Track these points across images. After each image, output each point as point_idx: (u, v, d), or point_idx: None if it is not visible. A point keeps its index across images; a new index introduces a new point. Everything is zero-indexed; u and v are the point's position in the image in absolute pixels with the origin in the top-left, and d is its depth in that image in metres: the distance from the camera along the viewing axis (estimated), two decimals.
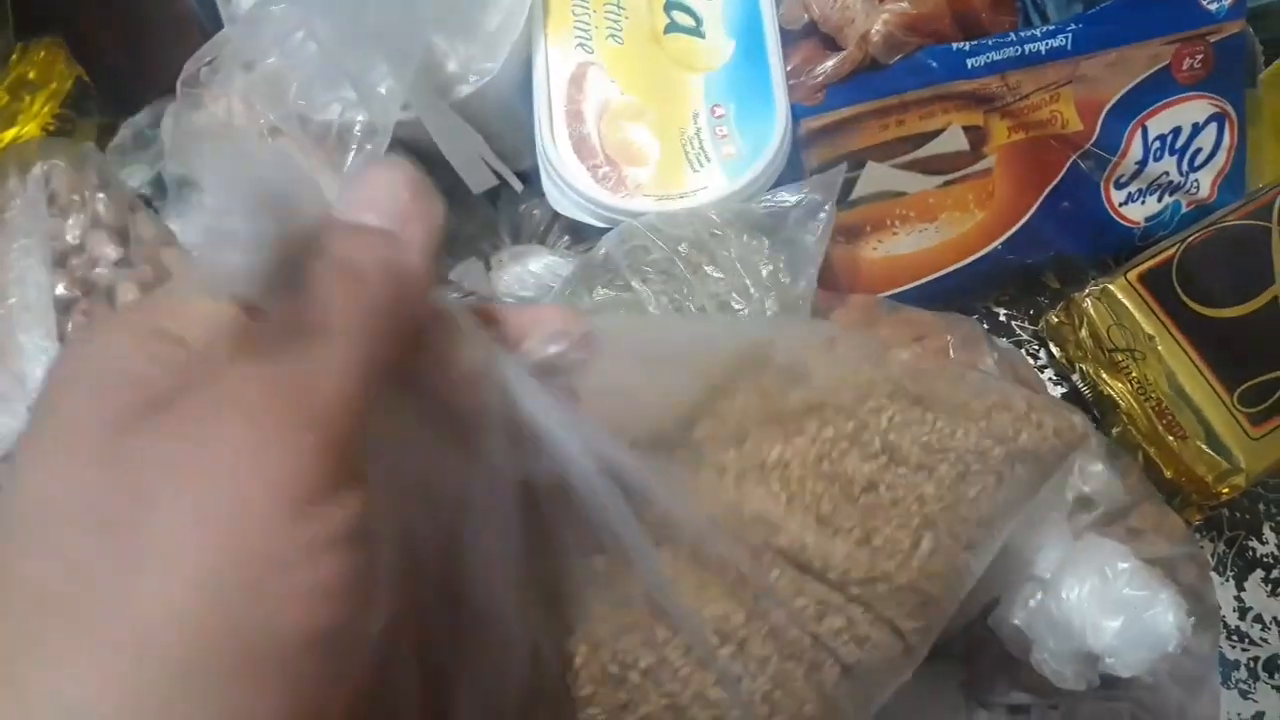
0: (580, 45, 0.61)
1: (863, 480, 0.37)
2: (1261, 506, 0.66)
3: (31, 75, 0.69)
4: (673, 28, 0.62)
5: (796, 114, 0.60)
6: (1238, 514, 0.66)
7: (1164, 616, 0.42)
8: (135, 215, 0.60)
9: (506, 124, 0.61)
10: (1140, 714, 0.53)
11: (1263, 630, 0.64)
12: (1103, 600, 0.43)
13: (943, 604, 0.38)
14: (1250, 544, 0.66)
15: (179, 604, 0.18)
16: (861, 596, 0.36)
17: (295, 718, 0.19)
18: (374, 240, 0.23)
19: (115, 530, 0.19)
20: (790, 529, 0.36)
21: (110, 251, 0.57)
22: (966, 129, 0.63)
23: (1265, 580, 0.65)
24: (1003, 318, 0.70)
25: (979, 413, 0.39)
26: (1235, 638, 0.64)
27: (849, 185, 0.63)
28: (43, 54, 0.69)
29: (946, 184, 0.64)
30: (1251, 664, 0.63)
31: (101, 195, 0.59)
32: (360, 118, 0.56)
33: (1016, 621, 0.46)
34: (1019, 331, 0.70)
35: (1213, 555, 0.65)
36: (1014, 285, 0.70)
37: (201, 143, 0.62)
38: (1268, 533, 0.66)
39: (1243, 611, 0.64)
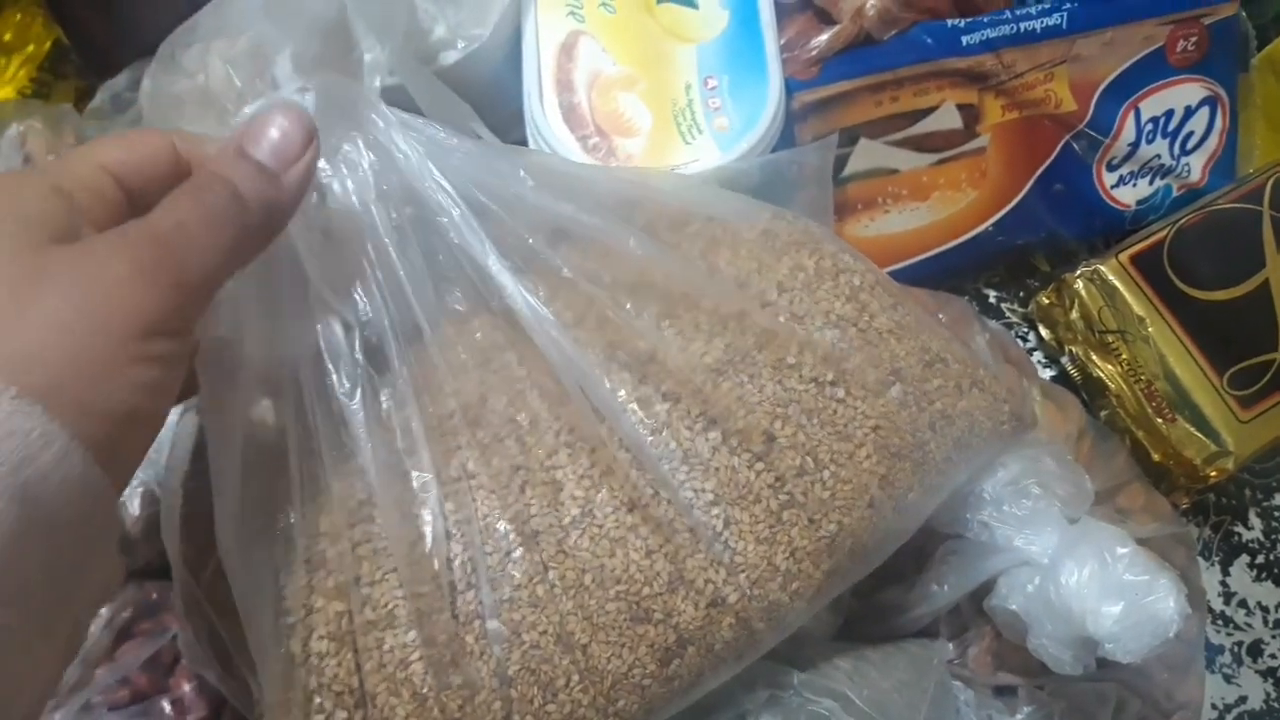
0: (571, 14, 0.60)
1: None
2: (1247, 492, 0.66)
3: (7, 37, 0.67)
4: None
5: (790, 88, 0.59)
6: (1224, 499, 0.66)
7: (1164, 602, 0.41)
8: None
9: (495, 93, 0.59)
10: (1127, 695, 0.52)
11: (1247, 615, 0.64)
12: (1103, 585, 0.42)
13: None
14: (1236, 529, 0.66)
15: (48, 353, 0.27)
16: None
17: (114, 445, 0.28)
18: (262, 177, 0.33)
19: (18, 299, 0.27)
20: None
21: None
22: (960, 107, 0.63)
23: (1250, 565, 0.65)
24: (992, 299, 0.69)
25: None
26: (1220, 622, 0.64)
27: (841, 162, 0.62)
28: (19, 16, 0.67)
29: (939, 162, 0.63)
30: (1235, 649, 0.63)
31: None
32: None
33: (1013, 606, 0.46)
34: (1008, 314, 0.69)
35: (1199, 540, 0.65)
36: (1004, 267, 0.70)
37: (180, 108, 0.60)
38: (1253, 518, 0.66)
39: (1228, 596, 0.64)
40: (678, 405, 0.40)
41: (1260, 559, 0.65)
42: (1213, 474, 0.59)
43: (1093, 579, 0.43)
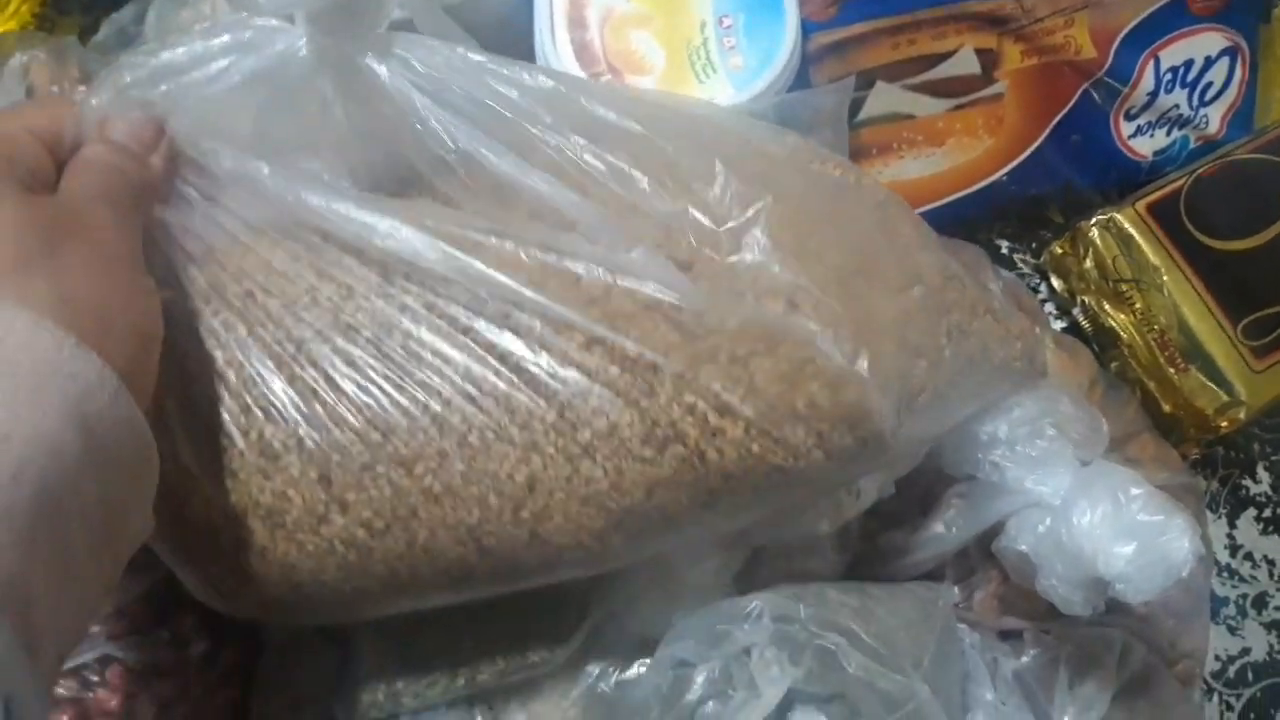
0: None
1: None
2: (1256, 446, 0.66)
3: None
4: None
5: (806, 28, 0.58)
6: (1232, 453, 0.66)
7: (1178, 542, 0.41)
8: None
9: (505, 30, 0.58)
10: (1132, 641, 0.52)
11: (1253, 568, 0.64)
12: (1116, 526, 0.42)
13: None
14: (1244, 483, 0.65)
15: (87, 296, 0.31)
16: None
17: (142, 379, 0.33)
18: (131, 160, 0.37)
19: (49, 246, 0.31)
20: None
21: None
22: (979, 51, 0.62)
23: (1257, 519, 0.65)
24: (1005, 250, 0.69)
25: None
26: (1226, 574, 0.63)
27: (856, 105, 0.61)
28: None
29: (956, 108, 0.62)
30: (1241, 601, 0.63)
31: (82, 89, 0.57)
32: None
33: (1023, 548, 0.46)
34: (1020, 265, 0.68)
35: (1206, 493, 0.65)
36: (1017, 217, 0.69)
37: None
38: (1261, 472, 0.66)
39: (1234, 549, 0.64)
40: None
41: (1267, 513, 0.65)
42: (1224, 424, 0.58)
43: (1105, 519, 0.42)
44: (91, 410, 0.29)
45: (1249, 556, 0.64)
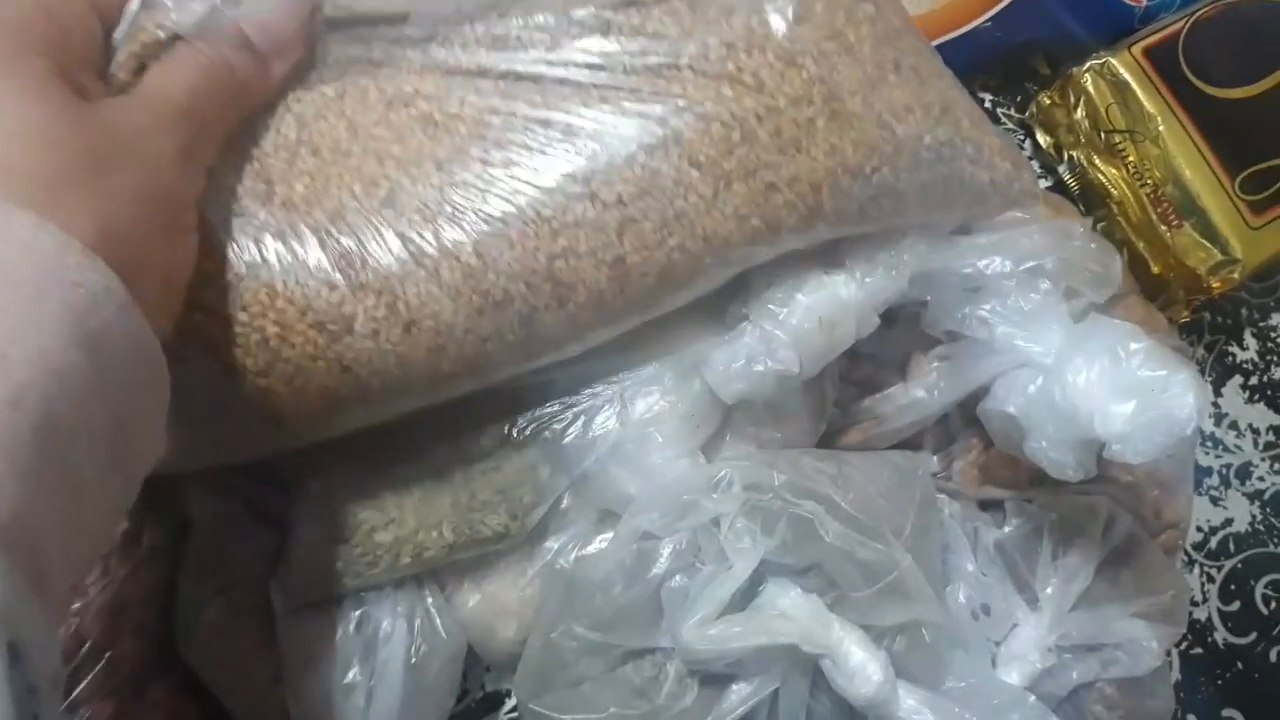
0: None
1: None
2: (1244, 311, 0.63)
3: None
4: None
5: None
6: (1219, 318, 0.63)
7: (1183, 398, 0.38)
8: None
9: None
10: (1116, 510, 0.50)
11: (1237, 437, 0.62)
12: (1114, 383, 0.39)
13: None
14: (1230, 349, 0.63)
15: (121, 222, 0.28)
16: None
17: (163, 310, 0.31)
18: (254, 62, 0.34)
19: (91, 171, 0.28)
20: None
21: None
22: None
23: (1244, 387, 0.62)
24: (988, 104, 0.64)
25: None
26: (1210, 444, 0.61)
27: None
28: None
29: None
30: (1224, 470, 0.61)
31: None
32: None
33: (1011, 410, 0.43)
34: (1004, 120, 0.64)
35: (1192, 359, 0.62)
36: (1001, 69, 0.64)
37: None
38: (1249, 338, 0.63)
39: (1219, 418, 0.62)
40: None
41: (1254, 380, 0.62)
42: (1217, 284, 0.55)
43: (1103, 376, 0.39)
44: (97, 324, 0.26)
45: (1234, 425, 0.62)
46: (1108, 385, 0.39)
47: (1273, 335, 0.63)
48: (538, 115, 0.36)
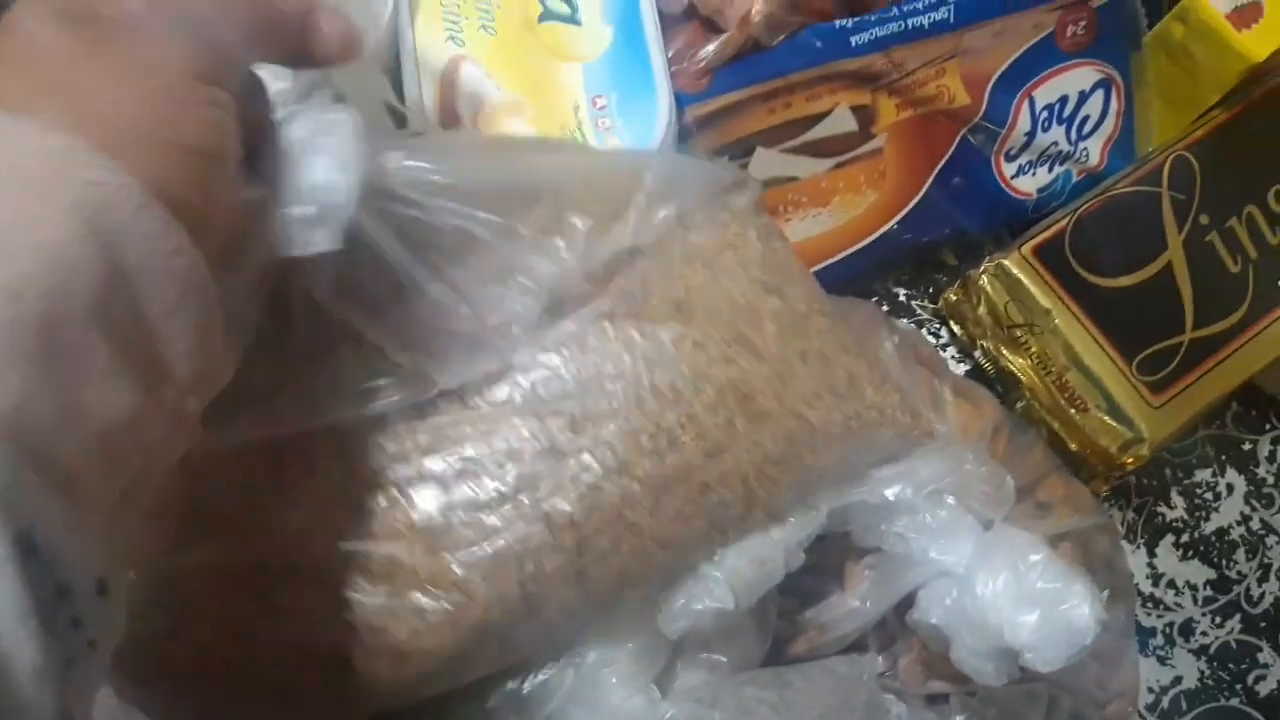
0: (451, 37, 0.58)
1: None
2: (1168, 471, 0.67)
3: None
4: (547, 15, 0.59)
5: (681, 101, 0.58)
6: (1145, 480, 0.66)
7: (1079, 609, 0.41)
8: None
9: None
10: (1059, 693, 0.52)
11: (1176, 595, 0.64)
12: (1017, 595, 0.42)
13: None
14: (1159, 510, 0.66)
15: (117, 106, 0.27)
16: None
17: (190, 196, 0.29)
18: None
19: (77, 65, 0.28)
20: None
21: None
22: (854, 109, 0.62)
23: (1176, 545, 0.65)
24: (902, 297, 0.69)
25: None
26: (1150, 605, 0.64)
27: None
28: None
29: (838, 166, 0.63)
30: (1168, 630, 0.63)
31: None
32: None
33: (934, 620, 0.45)
34: (919, 311, 0.69)
35: (1122, 523, 0.65)
36: (911, 264, 0.69)
37: None
38: (1175, 497, 0.66)
39: (1156, 578, 0.64)
40: None
41: (1185, 537, 0.65)
42: (1129, 461, 0.59)
43: (1007, 588, 0.42)
44: (113, 223, 0.26)
45: (1171, 584, 0.64)
46: (1011, 597, 0.42)
47: (1198, 491, 0.66)
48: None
